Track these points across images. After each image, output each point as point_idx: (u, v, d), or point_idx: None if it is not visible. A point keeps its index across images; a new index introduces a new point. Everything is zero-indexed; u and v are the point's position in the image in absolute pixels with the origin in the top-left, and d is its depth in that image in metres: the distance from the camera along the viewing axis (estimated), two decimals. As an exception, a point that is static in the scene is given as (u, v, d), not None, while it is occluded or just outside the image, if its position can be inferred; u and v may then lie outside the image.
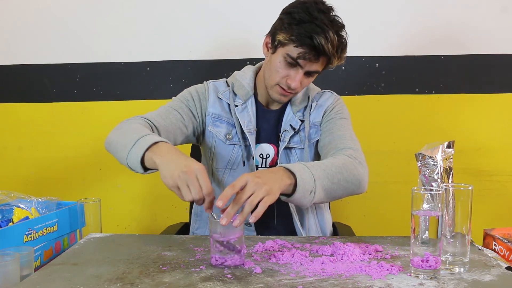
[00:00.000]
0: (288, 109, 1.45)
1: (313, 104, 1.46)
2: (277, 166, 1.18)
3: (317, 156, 1.46)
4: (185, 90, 1.47)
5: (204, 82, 1.49)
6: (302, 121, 1.43)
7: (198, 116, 1.43)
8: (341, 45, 1.29)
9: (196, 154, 1.65)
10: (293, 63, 1.29)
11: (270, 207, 1.43)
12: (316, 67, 1.30)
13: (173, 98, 1.45)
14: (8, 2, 2.04)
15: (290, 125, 1.43)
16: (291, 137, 1.42)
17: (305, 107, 1.45)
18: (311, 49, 1.25)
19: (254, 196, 1.01)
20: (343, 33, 1.29)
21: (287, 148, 1.42)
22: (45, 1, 2.04)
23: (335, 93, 1.51)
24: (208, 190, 1.01)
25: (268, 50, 1.37)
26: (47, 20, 2.04)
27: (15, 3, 2.04)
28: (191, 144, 1.65)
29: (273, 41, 1.33)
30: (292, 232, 1.43)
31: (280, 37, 1.29)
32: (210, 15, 2.01)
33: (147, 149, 1.11)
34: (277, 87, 1.35)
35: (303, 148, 1.43)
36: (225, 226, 0.99)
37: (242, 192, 1.01)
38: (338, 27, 1.28)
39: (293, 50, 1.27)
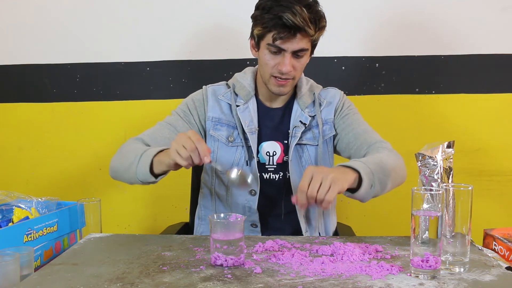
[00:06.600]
0: (295, 105, 1.45)
1: (323, 102, 1.47)
2: (336, 165, 1.21)
3: (331, 153, 1.48)
4: (183, 101, 1.49)
5: (203, 86, 1.50)
6: (311, 117, 1.44)
7: (197, 123, 1.45)
8: (314, 15, 1.28)
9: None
10: (276, 50, 1.31)
11: (278, 207, 1.42)
12: (299, 44, 1.30)
13: (172, 111, 1.47)
14: (8, 2, 2.04)
15: (300, 121, 1.43)
16: (303, 133, 1.42)
17: (313, 103, 1.45)
18: (283, 27, 1.27)
19: (322, 188, 1.09)
20: (314, 6, 1.30)
21: (298, 144, 1.42)
22: (45, 1, 2.03)
23: (337, 89, 1.53)
24: (196, 137, 1.12)
25: (255, 51, 1.39)
26: (47, 20, 2.04)
27: (15, 3, 2.04)
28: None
29: (255, 39, 1.37)
30: (297, 232, 1.44)
31: (256, 31, 1.33)
32: (210, 15, 2.01)
33: (153, 157, 1.21)
34: (272, 78, 1.36)
35: (317, 145, 1.43)
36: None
37: (311, 186, 1.09)
38: (306, 1, 1.29)
39: (270, 37, 1.30)
